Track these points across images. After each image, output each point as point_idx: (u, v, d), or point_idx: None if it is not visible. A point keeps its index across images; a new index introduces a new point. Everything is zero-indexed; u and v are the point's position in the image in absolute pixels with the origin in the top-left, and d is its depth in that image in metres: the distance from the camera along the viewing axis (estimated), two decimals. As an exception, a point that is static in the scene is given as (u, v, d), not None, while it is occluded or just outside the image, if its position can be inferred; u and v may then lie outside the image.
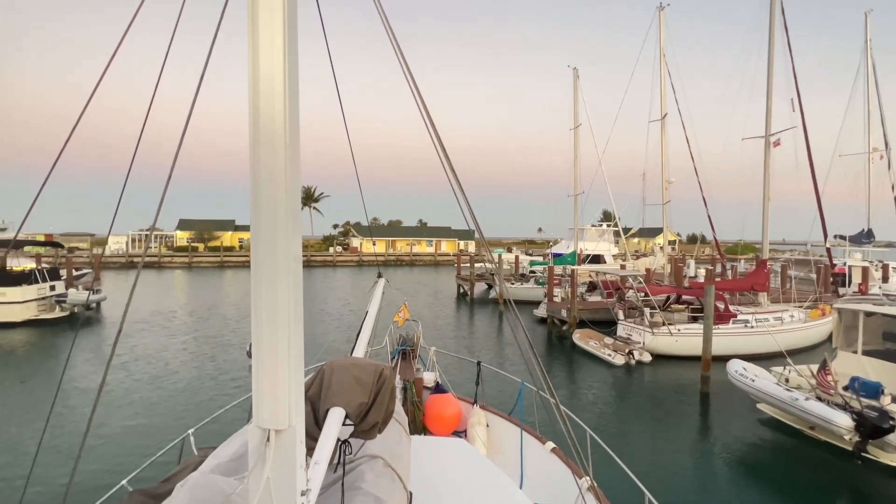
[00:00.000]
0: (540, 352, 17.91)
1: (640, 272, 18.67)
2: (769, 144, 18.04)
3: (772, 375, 11.00)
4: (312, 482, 1.83)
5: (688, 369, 15.01)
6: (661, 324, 16.31)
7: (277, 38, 1.54)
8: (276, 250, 1.60)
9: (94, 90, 2.17)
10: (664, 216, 23.64)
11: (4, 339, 19.15)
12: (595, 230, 39.09)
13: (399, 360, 7.40)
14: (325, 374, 2.43)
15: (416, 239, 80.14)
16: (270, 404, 1.63)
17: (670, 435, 10.34)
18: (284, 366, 1.62)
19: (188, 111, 2.01)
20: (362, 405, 2.33)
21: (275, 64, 1.54)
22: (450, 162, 2.81)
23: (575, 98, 30.32)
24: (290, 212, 1.60)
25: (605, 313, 19.57)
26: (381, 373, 2.47)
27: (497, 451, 5.98)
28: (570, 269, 21.32)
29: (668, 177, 23.46)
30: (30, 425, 10.64)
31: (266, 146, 1.56)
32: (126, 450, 9.56)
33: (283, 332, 1.61)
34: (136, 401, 12.37)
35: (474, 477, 3.67)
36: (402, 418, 3.35)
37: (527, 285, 30.22)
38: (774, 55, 17.86)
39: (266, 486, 1.63)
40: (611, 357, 15.62)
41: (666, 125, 23.69)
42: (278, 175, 1.57)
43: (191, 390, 13.24)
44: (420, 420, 6.38)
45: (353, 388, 2.35)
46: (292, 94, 1.58)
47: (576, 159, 30.46)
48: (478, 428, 6.18)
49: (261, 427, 1.66)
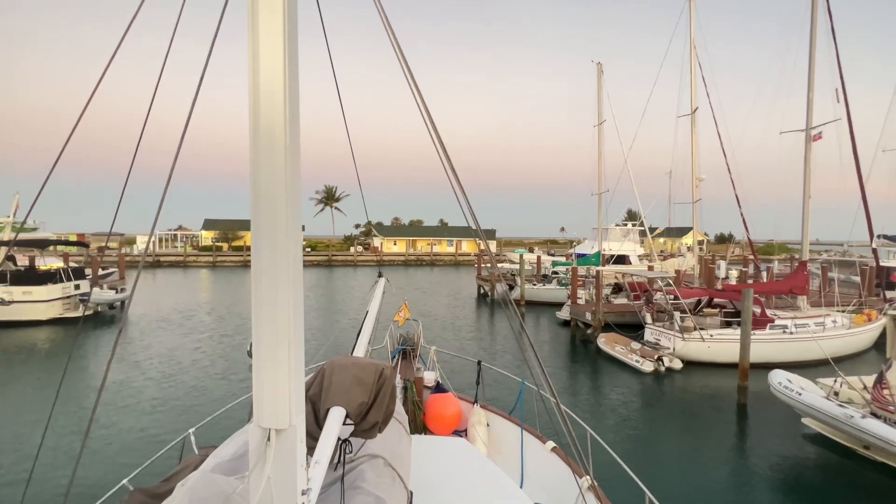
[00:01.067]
0: (562, 356, 17.22)
1: (669, 274, 17.76)
2: (810, 138, 16.93)
3: (818, 388, 10.10)
4: (313, 481, 1.83)
5: (722, 377, 14.11)
6: (692, 328, 15.43)
7: (277, 38, 1.54)
8: (276, 250, 1.60)
9: (94, 90, 2.16)
10: (694, 215, 22.57)
11: (29, 337, 19.42)
12: (619, 230, 37.93)
13: (399, 359, 7.40)
14: (325, 373, 2.43)
15: (436, 239, 79.80)
16: (271, 404, 1.64)
17: (705, 449, 9.58)
18: (285, 365, 1.63)
19: (188, 112, 2.02)
20: (363, 405, 2.33)
21: (275, 64, 1.54)
22: (450, 161, 2.75)
23: (599, 94, 29.40)
24: (291, 212, 1.59)
25: (631, 316, 18.72)
26: (382, 372, 2.46)
27: (497, 451, 5.99)
28: (595, 270, 20.49)
29: (698, 174, 22.40)
30: (36, 425, 10.55)
31: (266, 147, 1.56)
32: (132, 448, 9.46)
33: (284, 332, 1.62)
34: (145, 399, 12.30)
35: (474, 476, 3.66)
36: (402, 418, 3.37)
37: (549, 286, 29.42)
38: (816, 43, 16.76)
39: (267, 486, 1.64)
40: (639, 363, 14.82)
41: (696, 120, 22.63)
42: (278, 175, 1.56)
43: (199, 389, 13.14)
44: (420, 419, 6.37)
45: (353, 387, 2.35)
46: (292, 95, 1.58)
47: (600, 157, 29.53)
48: (478, 427, 6.16)
49: (261, 426, 1.66)
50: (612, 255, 31.01)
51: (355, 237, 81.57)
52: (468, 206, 2.90)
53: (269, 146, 1.55)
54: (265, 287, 1.61)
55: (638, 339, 17.06)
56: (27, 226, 33.53)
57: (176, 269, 55.63)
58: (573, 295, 20.88)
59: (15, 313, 21.10)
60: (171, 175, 2.10)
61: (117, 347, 15.63)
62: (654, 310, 17.12)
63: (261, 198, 1.57)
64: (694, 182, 22.61)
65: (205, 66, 2.07)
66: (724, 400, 12.46)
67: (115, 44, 2.14)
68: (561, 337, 20.26)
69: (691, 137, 22.55)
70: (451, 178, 2.78)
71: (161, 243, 69.51)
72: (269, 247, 1.59)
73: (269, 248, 1.59)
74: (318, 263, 63.64)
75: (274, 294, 1.60)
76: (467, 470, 3.75)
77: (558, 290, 28.54)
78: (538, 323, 23.69)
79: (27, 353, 16.96)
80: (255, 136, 1.56)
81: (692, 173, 22.52)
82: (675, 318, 15.66)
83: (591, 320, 18.70)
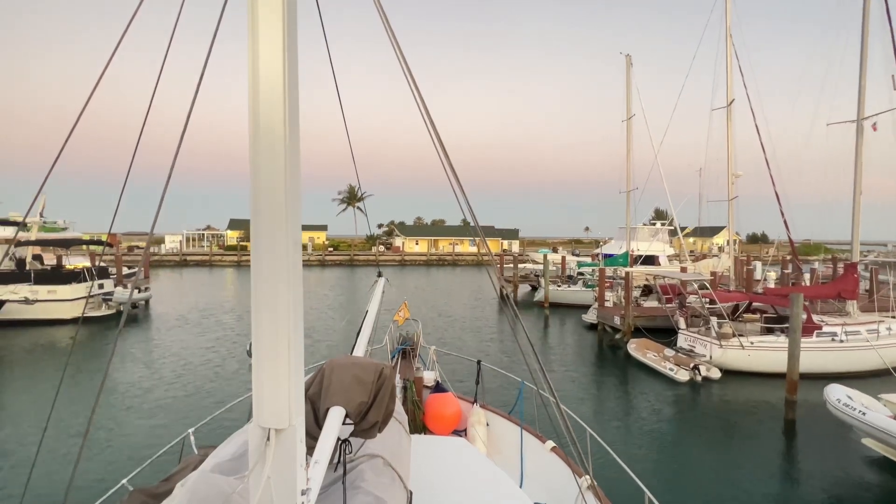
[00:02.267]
0: (589, 361, 16.32)
1: (704, 276, 16.63)
2: (862, 129, 15.60)
3: (882, 405, 9.02)
4: (312, 481, 1.82)
5: (766, 389, 13.01)
6: (730, 335, 14.34)
7: (277, 38, 1.53)
8: (276, 250, 1.58)
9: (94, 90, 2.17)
10: (730, 213, 21.25)
11: (52, 335, 19.55)
12: (648, 229, 36.45)
13: (399, 359, 7.40)
14: (325, 373, 2.42)
15: (458, 238, 79.11)
16: (271, 403, 1.63)
17: (749, 470, 8.63)
18: (284, 365, 1.61)
19: (186, 113, 2.04)
20: (362, 404, 2.32)
21: (275, 64, 1.53)
22: (449, 159, 2.71)
23: (627, 86, 28.17)
24: (291, 212, 1.58)
25: (662, 321, 17.66)
26: (381, 372, 2.45)
27: (497, 451, 5.99)
28: (624, 272, 19.46)
29: (734, 170, 21.10)
30: (37, 425, 10.34)
31: (266, 147, 1.55)
32: (136, 448, 9.35)
33: (284, 332, 1.60)
34: (151, 399, 12.17)
35: (474, 476, 3.65)
36: (402, 417, 3.37)
37: (574, 288, 28.39)
38: (869, 28, 15.42)
39: (266, 486, 1.63)
40: (672, 372, 13.83)
41: (732, 113, 21.33)
42: (278, 176, 1.55)
43: (205, 390, 12.94)
44: (420, 419, 6.37)
45: (353, 387, 2.34)
46: (292, 95, 1.58)
47: (628, 153, 28.31)
48: (478, 427, 6.15)
49: (261, 426, 1.65)
50: (640, 256, 29.77)
51: (377, 237, 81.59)
52: (467, 205, 2.86)
53: (269, 146, 1.55)
54: (265, 287, 1.60)
55: (670, 345, 16.04)
56: (57, 225, 34.27)
57: (202, 268, 56.49)
58: (600, 297, 19.89)
59: (40, 312, 21.36)
60: (170, 175, 2.06)
61: (133, 346, 15.68)
62: (688, 314, 16.06)
63: (261, 198, 1.57)
64: (730, 178, 21.30)
65: (204, 66, 2.07)
66: (769, 414, 11.40)
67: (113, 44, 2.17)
68: (587, 341, 19.32)
69: (727, 131, 21.24)
70: (449, 176, 2.73)
71: (188, 243, 70.77)
72: (268, 247, 1.58)
73: (268, 248, 1.58)
74: (341, 263, 63.71)
75: (274, 294, 1.59)
76: (467, 470, 3.72)
77: (584, 291, 27.50)
78: (562, 326, 22.76)
79: (41, 352, 17.00)
80: (255, 136, 1.56)
81: (728, 169, 21.22)
82: (712, 324, 14.59)
83: (620, 324, 17.71)
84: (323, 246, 70.62)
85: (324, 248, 68.78)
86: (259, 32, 1.51)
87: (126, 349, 17.31)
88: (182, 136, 2.05)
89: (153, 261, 60.20)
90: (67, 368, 15.06)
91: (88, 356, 16.65)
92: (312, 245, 70.70)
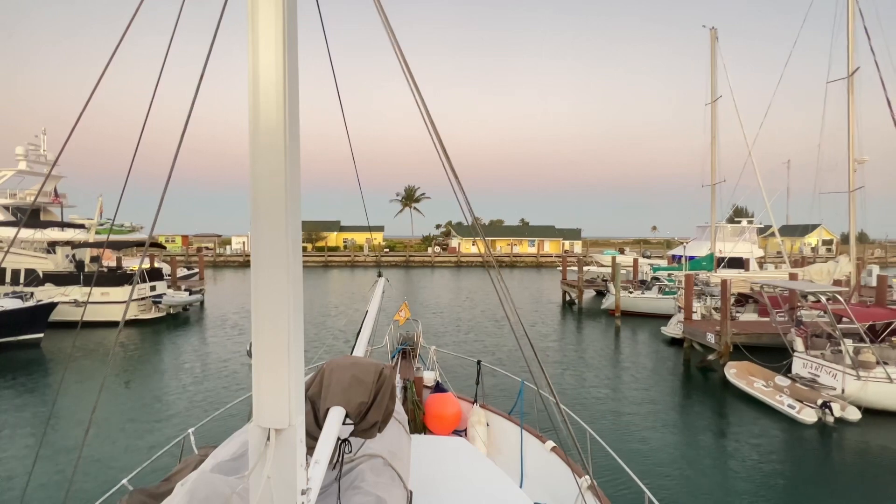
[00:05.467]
0: (673, 386, 13.46)
1: (834, 287, 13.23)
2: None
3: None
4: (312, 481, 1.84)
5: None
6: (873, 363, 11.06)
7: (277, 38, 1.53)
8: (276, 250, 1.58)
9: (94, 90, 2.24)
10: (851, 207, 17.35)
11: (102, 337, 19.30)
12: (732, 228, 32.04)
13: (399, 359, 7.41)
14: (324, 373, 2.43)
15: (517, 239, 76.13)
16: (271, 404, 1.63)
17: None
18: (285, 365, 1.61)
19: (186, 115, 2.07)
20: (362, 404, 2.33)
21: (274, 64, 1.54)
22: (448, 158, 2.73)
23: (713, 64, 24.60)
24: (291, 212, 1.59)
25: (770, 338, 14.44)
26: (381, 372, 2.45)
27: (497, 450, 6.03)
28: (721, 279, 16.26)
29: (858, 155, 17.22)
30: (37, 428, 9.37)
31: (266, 147, 1.55)
32: (135, 448, 9.42)
33: (284, 332, 1.60)
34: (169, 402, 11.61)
35: (474, 476, 3.62)
36: (401, 417, 3.38)
37: (649, 294, 25.10)
38: None
39: (266, 486, 1.64)
40: (794, 410, 10.77)
41: (853, 85, 17.44)
42: (278, 176, 1.56)
43: (214, 392, 12.23)
44: (420, 419, 6.37)
45: (353, 387, 2.34)
46: (292, 94, 1.58)
47: (713, 140, 24.75)
48: (478, 427, 6.16)
49: (261, 426, 1.66)
50: (723, 258, 25.94)
51: (434, 237, 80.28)
52: (467, 204, 2.89)
53: (269, 146, 1.55)
54: (265, 287, 1.59)
55: (781, 370, 12.88)
56: (125, 227, 35.37)
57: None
58: (687, 308, 16.78)
59: (92, 314, 21.39)
60: (170, 175, 2.09)
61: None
62: (807, 333, 12.80)
63: (261, 198, 1.57)
64: (851, 165, 17.44)
65: (203, 66, 2.10)
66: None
67: (114, 45, 2.19)
68: (669, 359, 16.33)
69: (848, 108, 17.40)
70: (449, 175, 2.76)
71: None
72: (268, 247, 1.58)
73: (268, 248, 1.58)
74: (396, 264, 62.87)
75: (274, 294, 1.59)
76: (467, 469, 3.70)
77: (661, 299, 24.21)
78: (635, 338, 19.77)
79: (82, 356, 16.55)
80: (255, 135, 1.56)
81: (849, 154, 17.37)
82: (845, 348, 11.34)
83: (715, 343, 14.64)
84: (379, 247, 70.38)
85: (380, 249, 68.46)
86: (259, 33, 1.54)
87: (159, 353, 16.52)
88: (181, 136, 2.09)
89: (219, 261, 62.30)
90: (108, 370, 14.86)
91: (133, 360, 15.98)
92: (370, 246, 70.68)
